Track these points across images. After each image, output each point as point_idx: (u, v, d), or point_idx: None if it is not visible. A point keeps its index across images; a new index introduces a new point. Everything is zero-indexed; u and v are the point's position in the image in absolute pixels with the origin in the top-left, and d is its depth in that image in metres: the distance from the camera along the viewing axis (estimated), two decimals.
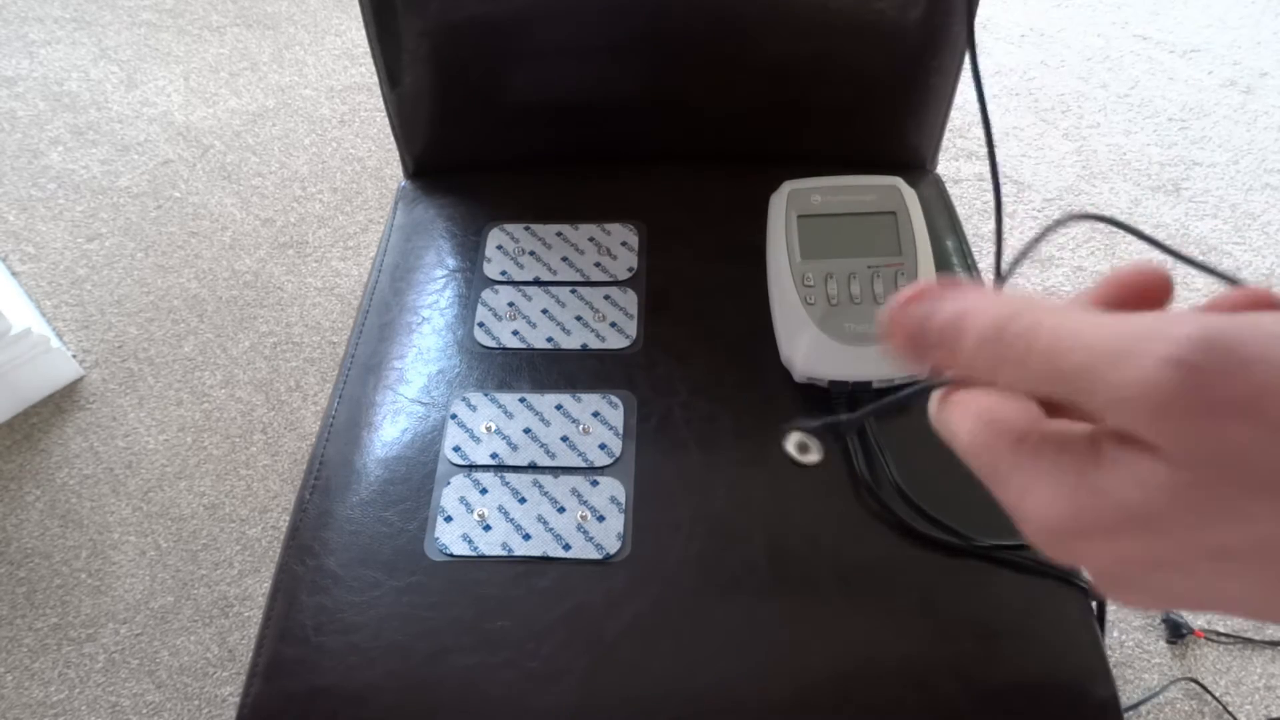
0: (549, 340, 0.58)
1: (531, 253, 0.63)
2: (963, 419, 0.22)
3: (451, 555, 0.49)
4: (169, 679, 0.95)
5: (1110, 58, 1.60)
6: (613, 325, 0.59)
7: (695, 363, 0.57)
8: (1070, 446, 0.20)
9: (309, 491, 0.54)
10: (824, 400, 0.54)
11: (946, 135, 0.74)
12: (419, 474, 0.53)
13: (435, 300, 0.62)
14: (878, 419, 0.53)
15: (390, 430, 0.55)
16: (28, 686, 0.95)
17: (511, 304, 0.60)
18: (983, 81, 0.54)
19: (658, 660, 0.44)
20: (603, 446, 0.53)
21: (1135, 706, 0.91)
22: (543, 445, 0.53)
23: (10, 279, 1.28)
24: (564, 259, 0.62)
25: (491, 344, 0.58)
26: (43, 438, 1.14)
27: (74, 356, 1.20)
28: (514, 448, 0.53)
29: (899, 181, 0.59)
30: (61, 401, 1.17)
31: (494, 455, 0.53)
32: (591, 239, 0.63)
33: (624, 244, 0.63)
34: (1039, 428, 0.21)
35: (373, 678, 0.46)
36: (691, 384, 0.56)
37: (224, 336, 1.23)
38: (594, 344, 0.58)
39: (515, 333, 0.59)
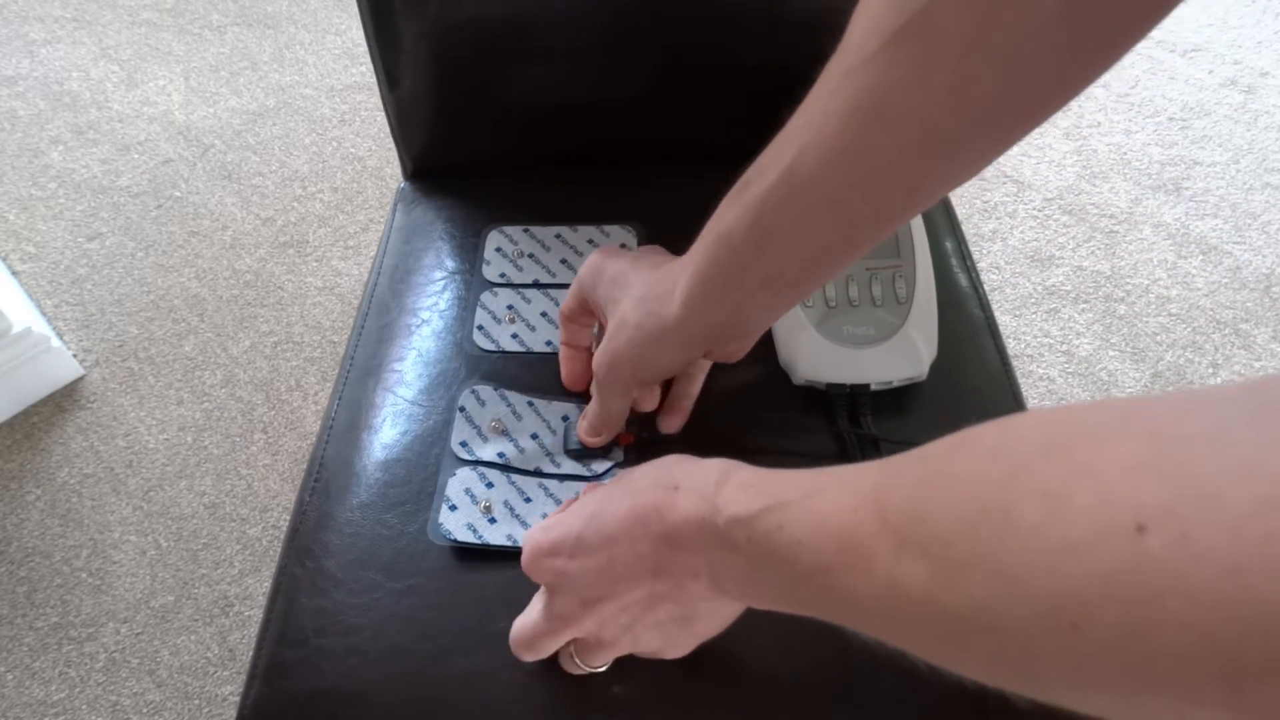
0: (548, 344, 0.58)
1: (530, 255, 0.63)
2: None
3: (455, 540, 0.49)
4: (169, 678, 0.95)
5: None
6: None
7: None
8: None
9: (308, 494, 0.54)
10: (823, 402, 0.55)
11: None
12: (419, 476, 0.53)
13: (434, 302, 0.62)
14: (880, 423, 0.53)
15: (390, 432, 0.55)
16: (28, 685, 0.95)
17: (510, 307, 0.60)
18: None
19: (657, 660, 0.44)
20: (607, 453, 0.53)
21: None
22: (549, 454, 0.53)
23: (11, 278, 1.28)
24: (563, 261, 0.62)
25: (490, 347, 0.58)
26: (43, 437, 1.14)
27: (74, 356, 1.20)
28: (521, 451, 0.53)
29: None
30: (62, 401, 1.17)
31: (501, 455, 0.53)
32: (590, 241, 0.64)
33: (623, 246, 0.63)
34: None
35: (373, 679, 0.46)
36: None
37: (224, 336, 1.23)
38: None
39: (514, 336, 0.59)
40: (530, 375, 0.57)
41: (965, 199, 1.37)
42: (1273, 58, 1.57)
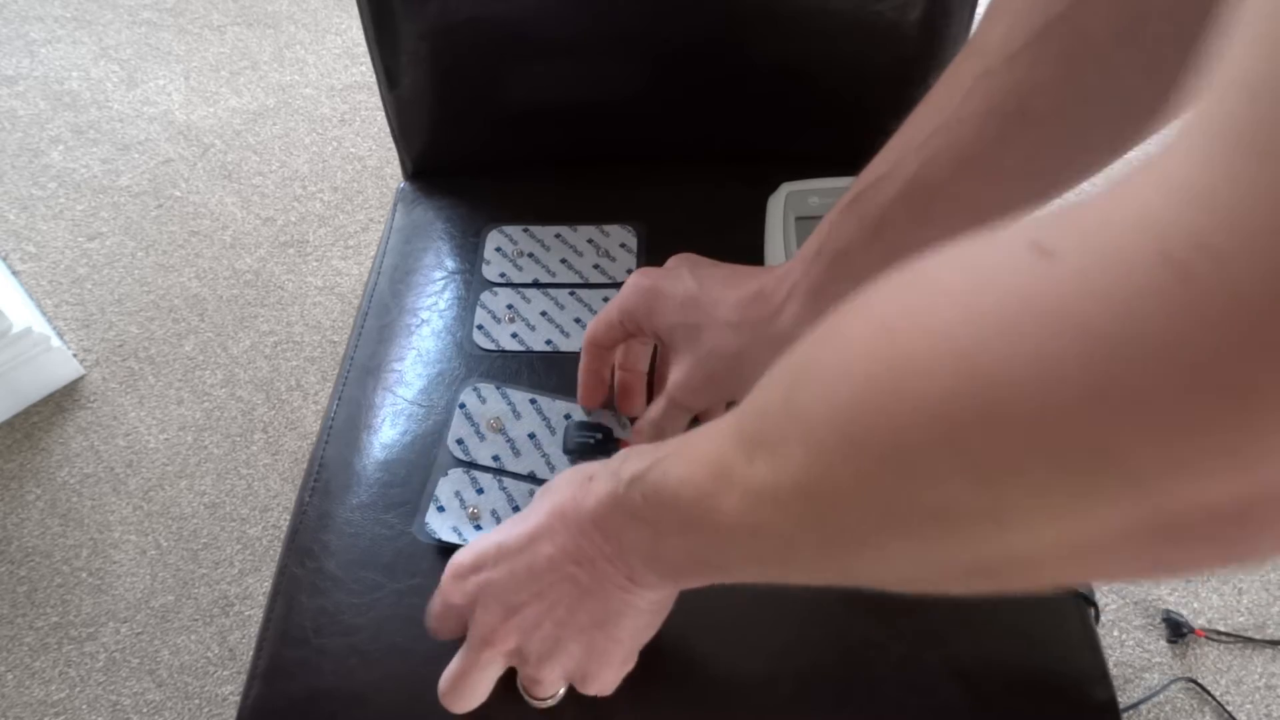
0: (548, 343, 0.58)
1: (530, 255, 0.63)
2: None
3: (439, 540, 0.49)
4: (169, 678, 0.95)
5: None
6: None
7: None
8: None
9: (308, 494, 0.54)
10: None
11: None
12: (419, 476, 0.53)
13: (434, 302, 0.62)
14: None
15: (390, 432, 0.55)
16: (28, 685, 0.95)
17: (510, 306, 0.60)
18: None
19: (656, 662, 0.44)
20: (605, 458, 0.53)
21: (1135, 706, 0.91)
22: (544, 455, 0.53)
23: (11, 278, 1.28)
24: (563, 261, 0.62)
25: (491, 346, 0.58)
26: (43, 437, 1.14)
27: (74, 355, 1.20)
28: (516, 453, 0.53)
29: None
30: (62, 400, 1.17)
31: (495, 458, 0.53)
32: (590, 241, 0.63)
33: (623, 245, 0.63)
34: None
35: (373, 679, 0.46)
36: None
37: (224, 335, 1.23)
38: None
39: (514, 335, 0.59)
40: (530, 374, 0.57)
41: None
42: None
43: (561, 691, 0.43)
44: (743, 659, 0.46)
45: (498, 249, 0.64)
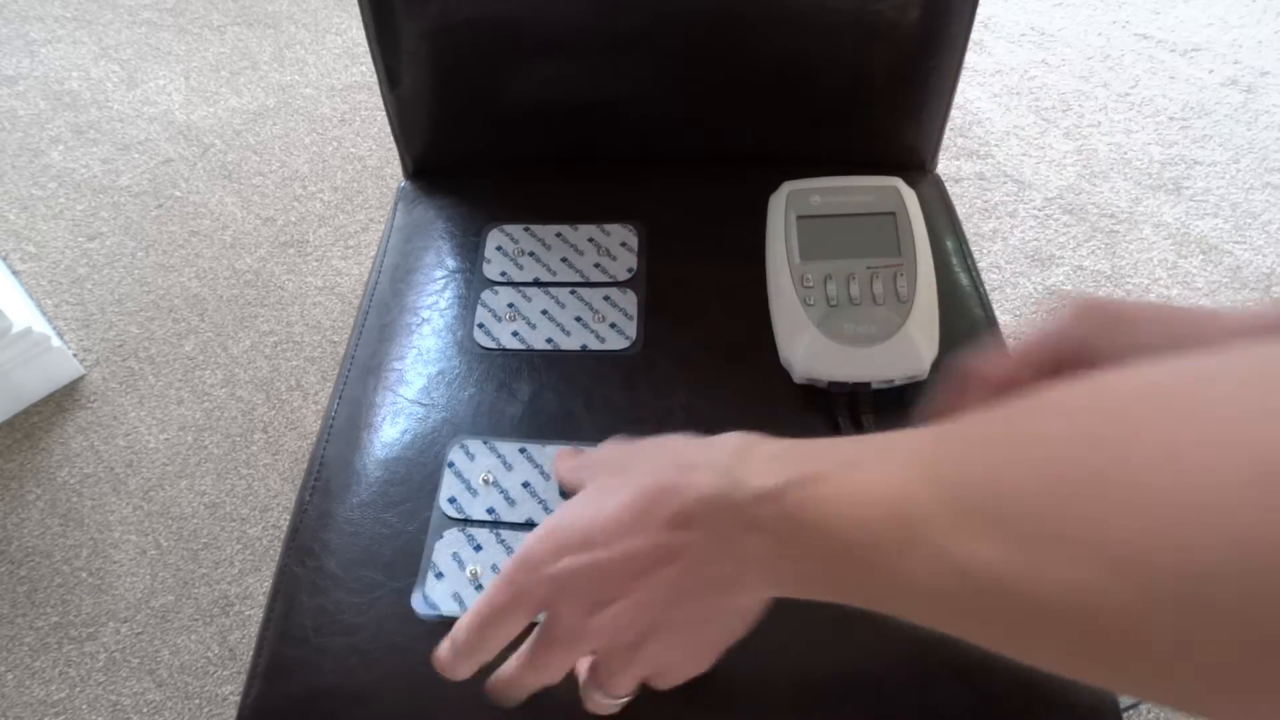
0: (549, 341, 0.58)
1: (531, 253, 0.63)
2: None
3: (441, 615, 0.47)
4: (170, 678, 0.95)
5: (1111, 57, 1.60)
6: (612, 326, 0.59)
7: (695, 364, 0.57)
8: None
9: (309, 493, 0.54)
10: (823, 401, 0.54)
11: (946, 135, 0.74)
12: (419, 475, 0.53)
13: (435, 301, 0.62)
14: (882, 421, 0.53)
15: (390, 431, 0.55)
16: (29, 685, 0.95)
17: (511, 305, 0.60)
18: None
19: None
20: None
21: (1135, 706, 0.91)
22: (541, 501, 0.51)
23: (11, 278, 1.28)
24: (563, 260, 0.62)
25: (491, 345, 0.58)
26: (43, 437, 1.14)
27: (75, 355, 1.20)
28: (511, 503, 0.51)
29: (898, 182, 0.59)
30: (62, 400, 1.17)
31: (490, 510, 0.51)
32: (591, 240, 0.63)
33: (623, 244, 0.63)
34: None
35: (373, 679, 0.46)
36: (691, 385, 0.56)
37: (224, 335, 1.23)
38: (593, 345, 0.58)
39: (515, 334, 0.59)
40: (531, 372, 0.57)
41: (965, 199, 1.37)
42: (1273, 57, 1.57)
43: (627, 698, 0.39)
44: (743, 658, 0.46)
45: (498, 248, 0.64)
